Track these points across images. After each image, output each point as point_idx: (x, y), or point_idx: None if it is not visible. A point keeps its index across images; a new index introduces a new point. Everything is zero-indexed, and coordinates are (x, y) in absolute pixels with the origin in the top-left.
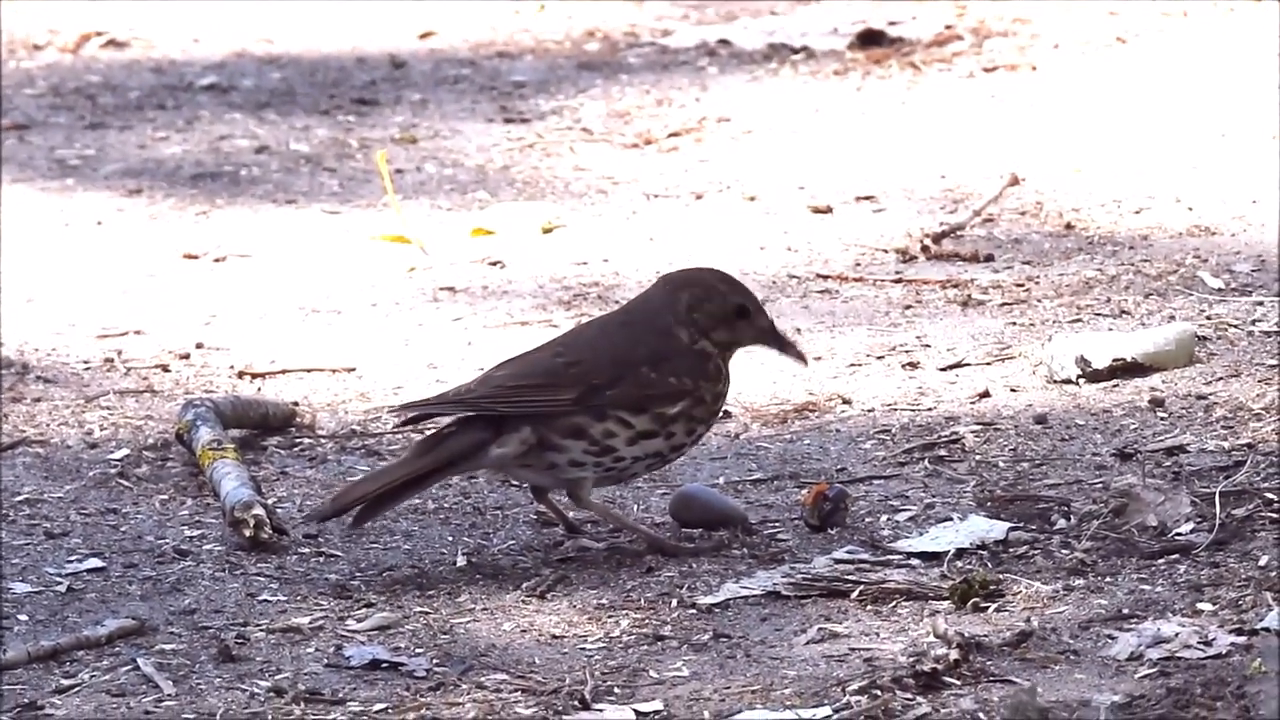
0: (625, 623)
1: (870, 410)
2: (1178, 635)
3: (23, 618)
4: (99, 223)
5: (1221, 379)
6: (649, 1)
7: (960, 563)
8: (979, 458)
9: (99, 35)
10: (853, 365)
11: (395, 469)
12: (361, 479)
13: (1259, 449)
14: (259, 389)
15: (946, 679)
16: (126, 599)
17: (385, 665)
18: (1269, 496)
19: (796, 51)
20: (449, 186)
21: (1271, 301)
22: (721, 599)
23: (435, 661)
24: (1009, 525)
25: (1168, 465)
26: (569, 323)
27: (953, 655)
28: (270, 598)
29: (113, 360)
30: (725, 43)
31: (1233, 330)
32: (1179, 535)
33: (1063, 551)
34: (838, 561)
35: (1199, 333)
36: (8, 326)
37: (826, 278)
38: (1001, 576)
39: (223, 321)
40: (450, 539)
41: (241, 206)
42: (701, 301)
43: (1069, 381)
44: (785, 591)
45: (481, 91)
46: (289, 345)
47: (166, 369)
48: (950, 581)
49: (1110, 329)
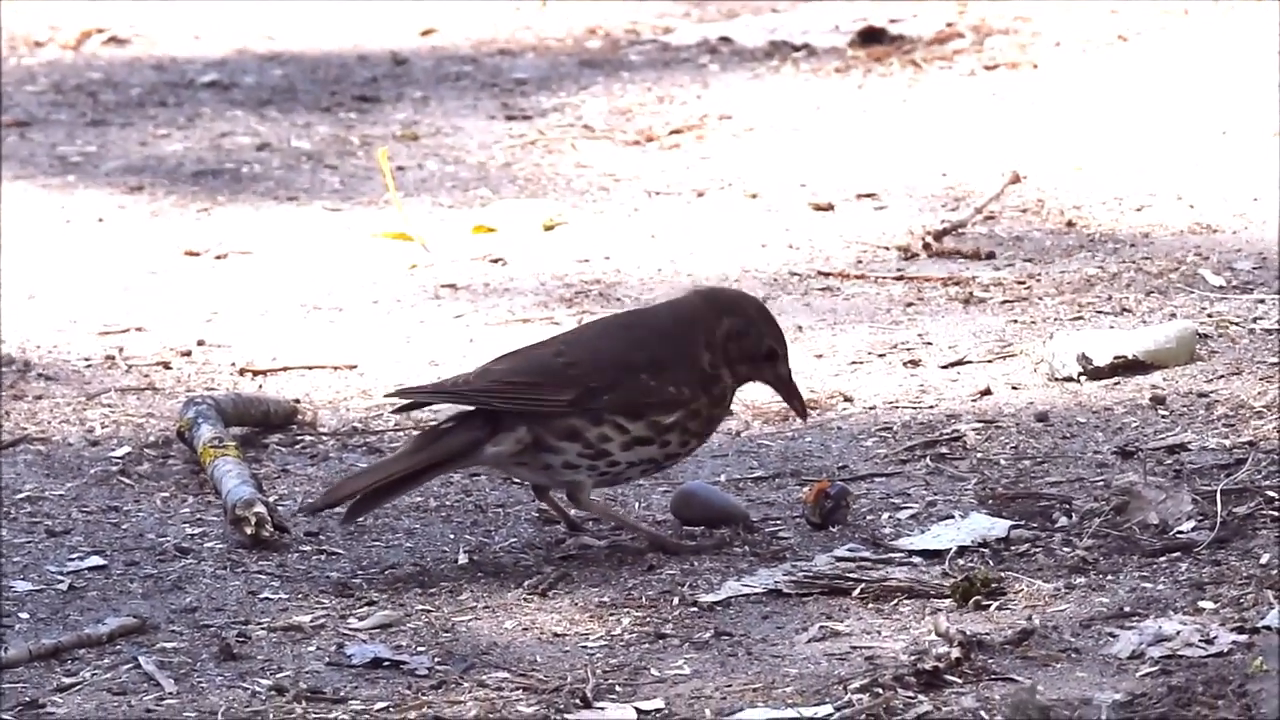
0: (627, 621)
1: (872, 408)
2: (1179, 633)
3: (24, 616)
4: (100, 220)
5: (1223, 377)
6: None
7: (962, 561)
8: (980, 455)
9: (100, 32)
10: (854, 363)
11: (390, 464)
12: (356, 473)
13: (1260, 447)
14: (260, 386)
15: (948, 677)
16: (128, 597)
17: (387, 663)
18: (1270, 494)
19: (798, 49)
20: (450, 184)
21: (1272, 299)
22: (723, 597)
23: (437, 660)
24: (1010, 523)
25: (1169, 463)
26: (570, 320)
27: (954, 653)
28: (271, 596)
29: (114, 357)
30: (726, 40)
31: (1234, 328)
32: (1180, 533)
33: (1064, 549)
34: (839, 559)
35: (1200, 330)
36: (9, 324)
37: (828, 275)
38: (1003, 574)
39: (224, 319)
40: (452, 537)
41: (243, 204)
42: (741, 334)
43: (1070, 379)
44: (787, 589)
45: (483, 89)
46: (290, 342)
47: (168, 366)
48: (952, 579)
49: (1111, 326)
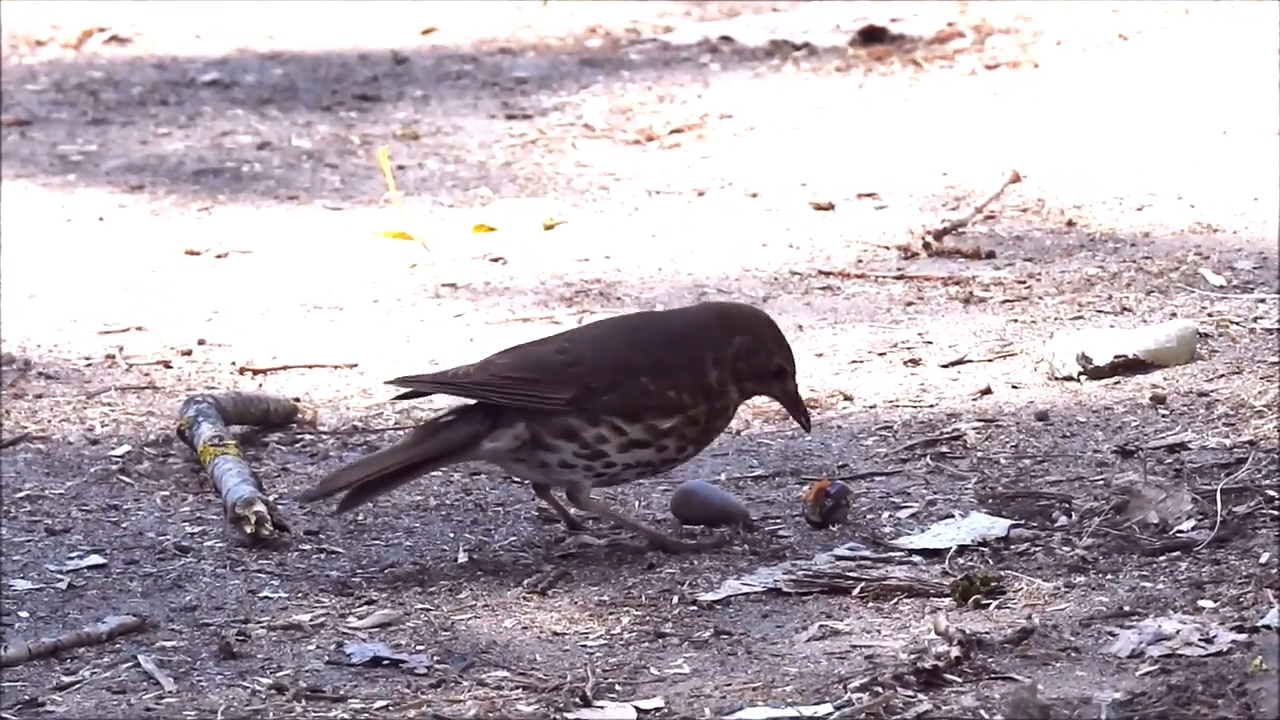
0: (626, 620)
1: (872, 407)
2: (1179, 632)
3: (23, 614)
4: (101, 219)
5: (1223, 376)
6: None
7: (962, 560)
8: (980, 454)
9: (101, 31)
10: (854, 362)
11: (386, 456)
12: (352, 464)
13: (1260, 446)
14: (260, 385)
15: (948, 676)
16: (127, 596)
17: (386, 662)
18: (1270, 494)
19: (798, 48)
20: (451, 183)
21: (1273, 298)
22: (723, 596)
23: (436, 658)
24: (1010, 522)
25: (1169, 462)
26: (571, 319)
27: (954, 652)
28: (271, 594)
29: (114, 356)
30: (727, 39)
31: (1234, 327)
32: (1180, 532)
33: (1064, 549)
34: (839, 558)
35: (1200, 330)
36: (9, 323)
37: (828, 274)
38: (1003, 573)
39: (224, 318)
40: (452, 535)
41: (243, 203)
42: (751, 353)
43: (1070, 378)
44: (786, 588)
45: (483, 88)
46: (291, 341)
47: (168, 365)
48: (952, 578)
49: (1112, 326)
